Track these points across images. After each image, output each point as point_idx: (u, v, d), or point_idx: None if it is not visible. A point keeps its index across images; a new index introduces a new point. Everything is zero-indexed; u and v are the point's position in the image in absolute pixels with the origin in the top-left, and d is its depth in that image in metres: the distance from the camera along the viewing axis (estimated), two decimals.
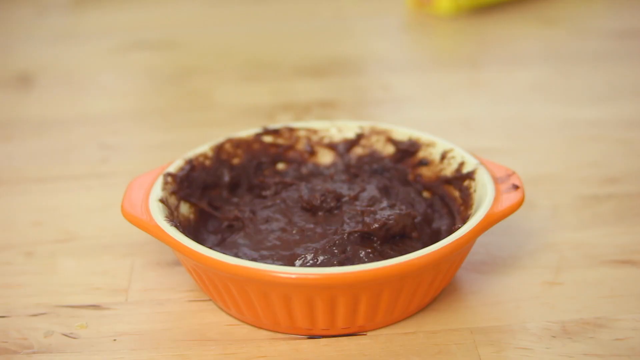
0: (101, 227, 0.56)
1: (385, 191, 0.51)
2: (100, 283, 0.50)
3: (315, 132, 0.56)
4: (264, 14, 1.09)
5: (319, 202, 0.50)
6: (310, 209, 0.50)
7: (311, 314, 0.43)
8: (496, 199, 0.47)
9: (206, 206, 0.51)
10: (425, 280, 0.44)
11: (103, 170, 0.66)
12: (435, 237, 0.50)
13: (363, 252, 0.45)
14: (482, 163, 0.51)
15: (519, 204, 0.47)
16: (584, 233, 0.54)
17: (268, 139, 0.56)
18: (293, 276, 0.41)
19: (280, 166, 0.56)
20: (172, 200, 0.49)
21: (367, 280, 0.41)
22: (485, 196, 0.47)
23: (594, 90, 0.77)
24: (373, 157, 0.55)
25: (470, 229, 0.44)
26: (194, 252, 0.43)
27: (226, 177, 0.53)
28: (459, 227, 0.45)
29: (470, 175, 0.50)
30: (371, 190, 0.51)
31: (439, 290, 0.46)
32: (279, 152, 0.56)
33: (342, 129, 0.56)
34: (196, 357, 0.44)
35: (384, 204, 0.48)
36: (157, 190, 0.49)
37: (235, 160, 0.54)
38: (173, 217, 0.48)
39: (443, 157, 0.53)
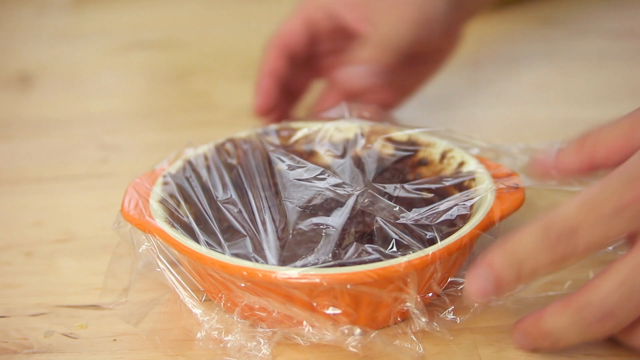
0: (101, 227, 0.56)
1: (384, 191, 0.51)
2: (100, 283, 0.50)
3: (314, 132, 0.56)
4: (264, 14, 1.09)
5: (319, 202, 0.50)
6: (311, 209, 0.50)
7: (312, 314, 0.43)
8: (496, 199, 0.47)
9: (206, 207, 0.51)
10: (420, 284, 0.43)
11: (103, 170, 0.66)
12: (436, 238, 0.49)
13: (364, 252, 0.45)
14: (481, 163, 0.51)
15: (520, 204, 0.47)
16: None
17: (268, 139, 0.56)
18: (294, 276, 0.41)
19: (280, 166, 0.55)
20: (172, 200, 0.49)
21: (368, 281, 0.41)
22: (485, 197, 0.47)
23: (594, 90, 0.77)
24: (373, 157, 0.55)
25: (470, 229, 0.44)
26: (194, 252, 0.43)
27: (226, 178, 0.53)
28: (460, 228, 0.45)
29: (470, 176, 0.50)
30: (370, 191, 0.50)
31: (439, 290, 0.46)
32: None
33: (342, 129, 0.56)
34: (196, 357, 0.44)
35: (384, 203, 0.48)
36: (157, 191, 0.49)
37: (235, 161, 0.54)
38: (173, 217, 0.48)
39: (443, 157, 0.53)
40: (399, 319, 0.45)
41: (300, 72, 0.65)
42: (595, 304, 0.38)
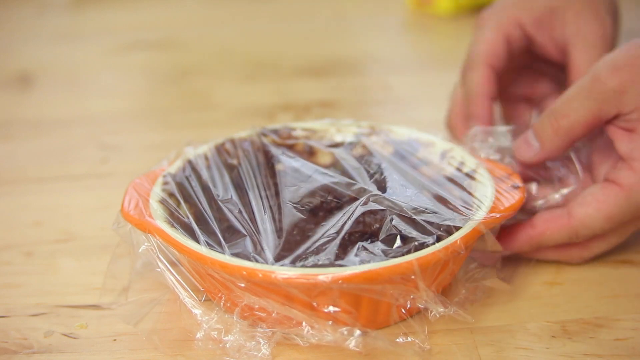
0: (101, 227, 0.56)
1: (384, 191, 0.51)
2: (100, 283, 0.50)
3: (314, 132, 0.56)
4: (264, 14, 1.09)
5: (319, 202, 0.50)
6: (311, 209, 0.50)
7: (312, 314, 0.43)
8: (497, 199, 0.47)
9: (206, 207, 0.51)
10: (426, 281, 0.44)
11: (103, 170, 0.66)
12: (437, 238, 0.49)
13: (364, 252, 0.45)
14: (482, 163, 0.51)
15: (520, 203, 0.47)
16: None
17: (268, 139, 0.56)
18: (294, 276, 0.41)
19: (280, 166, 0.56)
20: (172, 200, 0.49)
21: (369, 281, 0.41)
22: (485, 196, 0.47)
23: None
24: (373, 157, 0.55)
25: (472, 228, 0.44)
26: (194, 252, 0.43)
27: (226, 178, 0.53)
28: (461, 227, 0.45)
29: (470, 175, 0.50)
30: (371, 190, 0.50)
31: (439, 291, 0.46)
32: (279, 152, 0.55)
33: (341, 129, 0.56)
34: (195, 357, 0.44)
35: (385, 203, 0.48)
36: (157, 191, 0.49)
37: (235, 161, 0.54)
38: (173, 217, 0.48)
39: (443, 156, 0.53)
40: (409, 316, 0.45)
41: None
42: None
